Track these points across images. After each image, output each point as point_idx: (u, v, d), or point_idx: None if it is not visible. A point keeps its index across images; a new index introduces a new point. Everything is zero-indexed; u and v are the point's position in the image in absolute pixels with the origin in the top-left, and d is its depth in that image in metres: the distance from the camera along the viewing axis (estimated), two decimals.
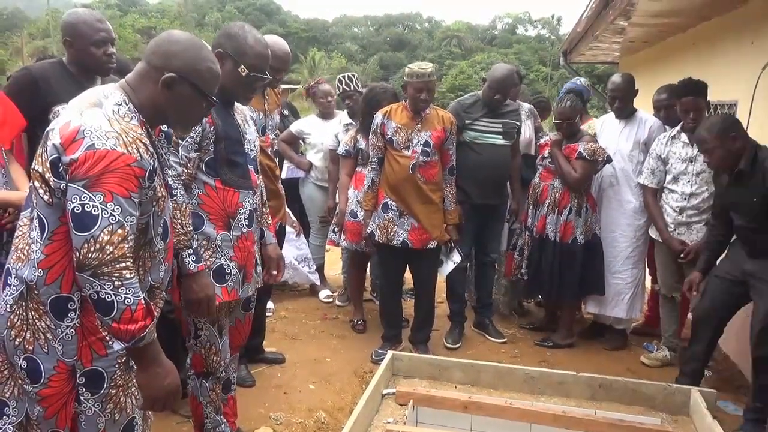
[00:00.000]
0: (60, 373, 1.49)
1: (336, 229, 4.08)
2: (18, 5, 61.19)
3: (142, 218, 1.48)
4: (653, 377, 3.16)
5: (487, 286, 4.05)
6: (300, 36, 58.39)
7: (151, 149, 1.48)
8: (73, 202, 1.35)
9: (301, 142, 4.67)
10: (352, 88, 4.24)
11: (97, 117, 1.42)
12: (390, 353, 3.00)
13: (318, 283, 4.70)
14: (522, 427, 2.52)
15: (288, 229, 3.81)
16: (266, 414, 2.89)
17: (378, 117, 3.43)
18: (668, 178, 3.41)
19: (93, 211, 1.34)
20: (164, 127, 1.72)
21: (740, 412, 2.93)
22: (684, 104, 3.27)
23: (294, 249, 4.40)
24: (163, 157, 1.67)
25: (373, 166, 3.47)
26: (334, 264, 5.22)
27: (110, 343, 1.49)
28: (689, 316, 3.70)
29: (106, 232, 1.35)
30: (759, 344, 2.73)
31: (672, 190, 3.40)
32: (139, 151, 1.42)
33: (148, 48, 1.57)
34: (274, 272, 2.47)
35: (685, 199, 3.30)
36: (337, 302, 4.59)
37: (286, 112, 4.79)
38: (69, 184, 1.36)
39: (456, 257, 3.60)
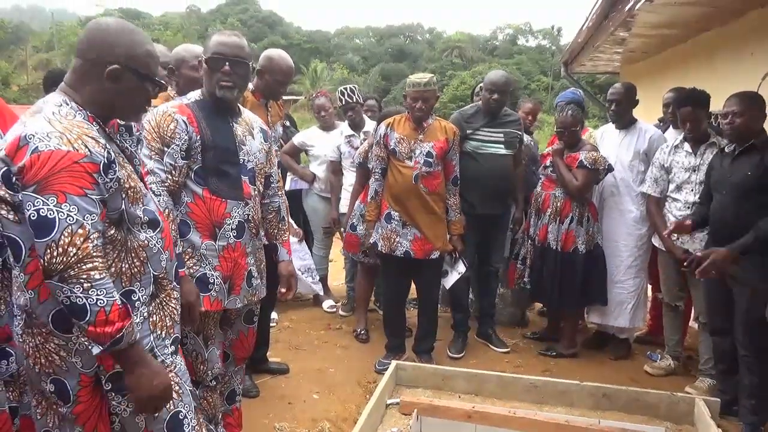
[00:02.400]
0: (85, 387, 1.47)
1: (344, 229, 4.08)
2: (23, 19, 61.69)
3: (112, 213, 1.45)
4: (657, 386, 3.16)
5: (489, 295, 4.05)
6: (302, 47, 58.68)
7: (102, 141, 1.43)
8: (28, 210, 1.31)
9: (303, 153, 4.71)
10: (354, 100, 4.28)
11: (38, 121, 1.39)
12: (394, 363, 3.01)
13: (321, 293, 4.72)
14: None
15: (292, 239, 3.83)
16: (270, 424, 2.89)
17: (381, 128, 3.46)
18: (671, 187, 3.43)
19: (49, 215, 1.29)
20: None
21: None
22: (682, 114, 3.30)
23: (297, 259, 4.42)
24: (129, 150, 1.64)
25: (376, 177, 3.50)
26: (338, 274, 5.23)
27: (91, 348, 1.42)
28: (693, 325, 3.70)
29: (66, 234, 1.30)
30: (744, 343, 2.75)
31: (675, 199, 3.41)
32: (86, 146, 1.37)
33: (81, 42, 1.50)
34: (283, 290, 2.46)
35: (688, 207, 3.31)
36: (341, 312, 4.60)
37: (287, 123, 4.83)
38: (22, 193, 1.32)
39: (461, 268, 3.61)
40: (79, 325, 1.34)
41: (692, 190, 3.30)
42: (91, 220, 1.35)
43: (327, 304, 4.70)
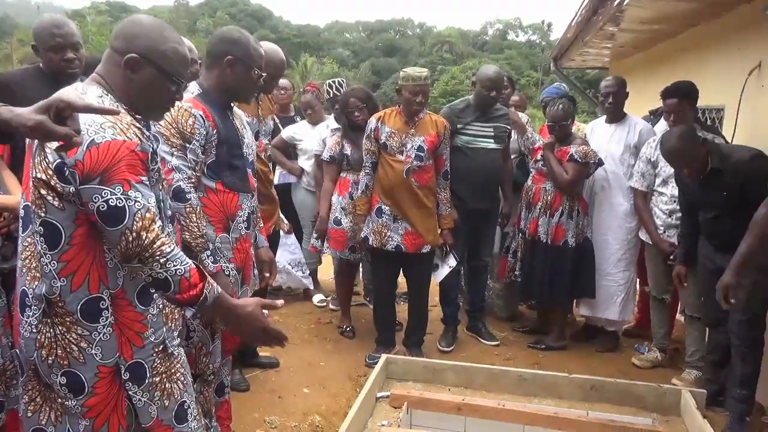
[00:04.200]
0: (103, 378, 1.47)
1: (316, 236, 4.07)
2: (7, 11, 60.89)
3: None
4: (644, 378, 3.19)
5: (479, 289, 4.07)
6: (292, 42, 58.39)
7: (146, 132, 1.48)
8: (95, 202, 1.34)
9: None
10: (341, 93, 4.27)
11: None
12: (384, 357, 3.01)
13: (311, 287, 4.71)
14: (515, 429, 2.53)
15: (281, 233, 3.82)
16: (261, 418, 2.89)
17: (372, 122, 3.45)
18: (658, 181, 3.46)
19: (118, 204, 1.34)
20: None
21: None
22: (667, 106, 3.33)
23: (287, 254, 4.41)
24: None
25: (366, 171, 3.49)
26: (328, 268, 5.22)
27: (145, 334, 1.50)
28: (680, 317, 3.74)
29: (137, 219, 1.35)
30: (740, 334, 2.78)
31: (662, 193, 3.44)
32: (137, 136, 1.41)
33: (114, 32, 1.54)
34: (267, 275, 2.48)
35: (674, 201, 3.34)
36: (331, 306, 4.59)
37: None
38: (83, 186, 1.34)
39: (452, 261, 3.62)
40: (167, 296, 1.44)
41: None
42: (153, 203, 1.41)
43: (317, 298, 4.70)
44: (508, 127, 3.80)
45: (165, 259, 1.38)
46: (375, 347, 3.66)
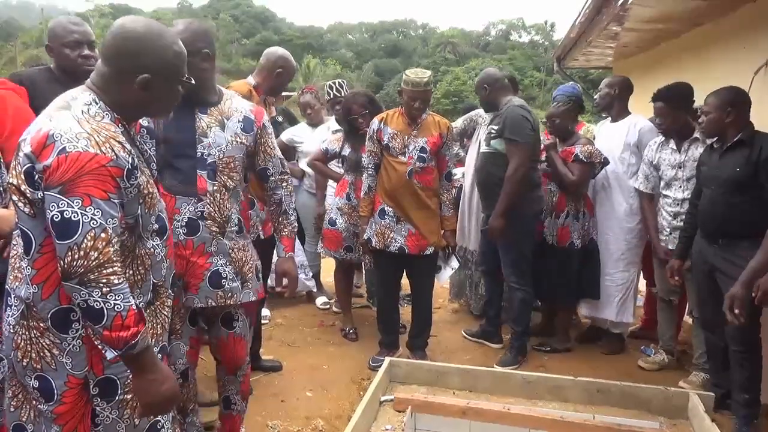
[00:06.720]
0: (72, 388, 1.45)
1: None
2: (12, 14, 61.22)
3: (129, 218, 1.43)
4: (651, 381, 3.15)
5: (514, 314, 3.67)
6: (295, 43, 58.50)
7: (128, 146, 1.42)
8: (51, 210, 1.30)
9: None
10: (342, 94, 4.25)
11: (66, 119, 1.36)
12: (387, 360, 2.99)
13: (314, 290, 4.70)
14: None
15: None
16: (264, 422, 2.87)
17: (374, 123, 3.44)
18: (662, 183, 3.43)
19: (73, 217, 1.29)
20: (143, 122, 1.64)
21: None
22: (655, 109, 3.37)
23: None
24: (148, 153, 1.61)
25: (369, 172, 3.47)
26: (331, 270, 5.20)
27: (105, 351, 1.39)
28: (687, 319, 3.71)
29: (89, 238, 1.30)
30: (736, 338, 2.75)
31: (666, 196, 3.41)
32: (113, 150, 1.36)
33: (108, 49, 1.45)
34: (277, 289, 2.38)
35: (678, 204, 3.31)
36: (334, 309, 4.57)
37: (280, 119, 4.79)
38: (45, 192, 1.31)
39: (454, 263, 3.60)
40: (94, 328, 1.33)
41: (680, 187, 3.31)
42: (113, 224, 1.35)
43: (320, 300, 4.68)
44: (497, 128, 3.45)
45: (108, 289, 1.31)
46: (378, 350, 3.64)
